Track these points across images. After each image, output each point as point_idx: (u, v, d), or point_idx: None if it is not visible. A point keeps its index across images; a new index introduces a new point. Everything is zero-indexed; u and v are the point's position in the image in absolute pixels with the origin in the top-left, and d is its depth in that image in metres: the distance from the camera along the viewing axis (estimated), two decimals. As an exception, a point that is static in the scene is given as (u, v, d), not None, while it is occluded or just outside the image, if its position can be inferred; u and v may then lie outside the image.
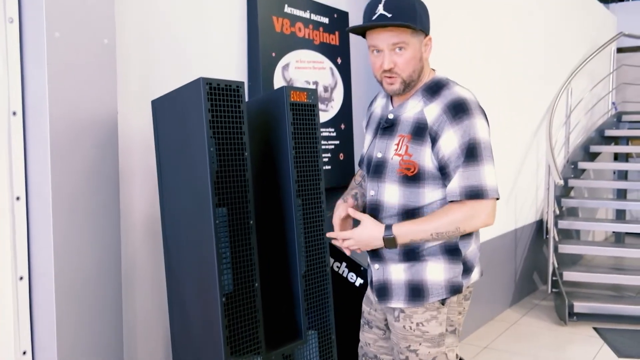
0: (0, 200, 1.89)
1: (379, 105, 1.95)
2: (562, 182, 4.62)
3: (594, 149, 6.14)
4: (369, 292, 1.99)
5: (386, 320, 1.93)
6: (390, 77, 1.77)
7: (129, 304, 2.32)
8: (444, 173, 1.74)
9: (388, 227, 1.76)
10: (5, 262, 1.91)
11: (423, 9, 1.77)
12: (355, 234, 1.82)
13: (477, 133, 1.71)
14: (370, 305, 1.98)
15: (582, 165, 5.83)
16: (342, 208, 1.93)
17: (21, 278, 1.94)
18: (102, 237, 2.05)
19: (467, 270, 1.84)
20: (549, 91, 5.37)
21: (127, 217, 2.30)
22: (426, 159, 1.75)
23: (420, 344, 1.79)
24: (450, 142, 1.71)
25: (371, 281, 1.94)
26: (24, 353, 1.96)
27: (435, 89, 1.79)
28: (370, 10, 1.74)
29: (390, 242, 1.76)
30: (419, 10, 1.74)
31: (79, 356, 1.99)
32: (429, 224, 1.73)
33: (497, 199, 1.75)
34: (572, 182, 5.59)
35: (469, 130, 1.70)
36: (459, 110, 1.71)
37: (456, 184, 1.71)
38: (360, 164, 2.04)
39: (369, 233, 1.79)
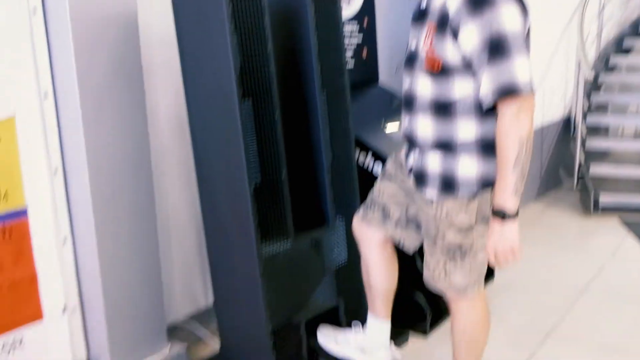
0: (29, 98, 1.93)
1: None
2: (593, 73, 4.44)
3: (627, 43, 5.91)
4: (402, 159, 1.96)
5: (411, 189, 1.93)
6: None
7: (161, 198, 2.39)
8: (472, 68, 1.68)
9: (498, 213, 1.69)
10: (39, 156, 1.97)
11: None
12: (491, 246, 1.74)
13: (502, 24, 1.60)
14: (399, 169, 1.97)
15: (614, 60, 5.63)
16: None
17: (56, 171, 2.00)
18: (131, 131, 2.08)
19: None
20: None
21: (152, 111, 2.32)
22: (448, 54, 1.68)
23: (448, 229, 1.83)
24: (471, 37, 1.62)
25: (407, 153, 1.92)
26: (65, 239, 2.07)
27: None
28: None
29: (510, 215, 1.69)
30: None
31: (118, 247, 2.10)
32: (504, 170, 1.65)
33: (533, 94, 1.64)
34: (602, 78, 5.43)
35: (490, 22, 1.59)
36: (478, 1, 1.62)
37: (486, 86, 1.63)
38: None
39: (503, 235, 1.71)
